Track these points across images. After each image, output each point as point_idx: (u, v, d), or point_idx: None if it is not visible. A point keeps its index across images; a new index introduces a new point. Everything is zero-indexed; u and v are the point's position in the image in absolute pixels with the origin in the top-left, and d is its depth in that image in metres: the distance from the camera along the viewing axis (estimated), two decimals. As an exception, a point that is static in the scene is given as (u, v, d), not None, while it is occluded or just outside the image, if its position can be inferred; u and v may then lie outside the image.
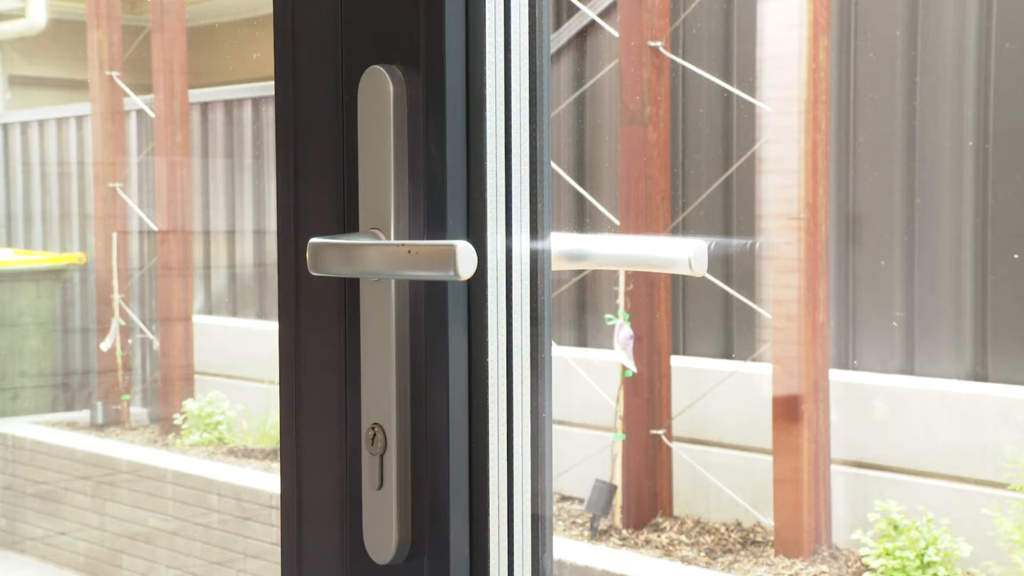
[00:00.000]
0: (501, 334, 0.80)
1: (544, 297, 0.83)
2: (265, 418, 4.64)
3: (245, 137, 5.17)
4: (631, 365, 3.51)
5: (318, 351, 0.85)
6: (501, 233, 0.80)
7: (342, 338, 0.83)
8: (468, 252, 0.74)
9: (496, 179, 0.80)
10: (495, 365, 0.80)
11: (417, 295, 0.80)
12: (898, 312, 3.49)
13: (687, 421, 3.68)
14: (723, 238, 3.76)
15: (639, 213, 3.56)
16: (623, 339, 3.49)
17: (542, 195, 0.82)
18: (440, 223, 0.78)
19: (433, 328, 0.79)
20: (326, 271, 0.79)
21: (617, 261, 0.93)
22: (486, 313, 0.80)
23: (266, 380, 4.72)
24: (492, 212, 0.80)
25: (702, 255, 0.83)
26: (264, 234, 5.14)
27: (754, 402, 3.57)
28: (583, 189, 3.86)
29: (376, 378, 0.81)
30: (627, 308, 3.53)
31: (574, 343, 4.01)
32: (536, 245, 0.82)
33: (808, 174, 3.29)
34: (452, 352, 0.79)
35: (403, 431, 0.80)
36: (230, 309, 5.28)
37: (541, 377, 0.83)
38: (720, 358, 3.80)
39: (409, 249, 0.75)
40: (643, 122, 3.56)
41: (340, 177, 0.83)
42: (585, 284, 3.98)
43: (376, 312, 0.80)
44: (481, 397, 0.80)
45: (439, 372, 0.79)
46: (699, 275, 0.83)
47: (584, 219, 3.82)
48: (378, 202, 0.80)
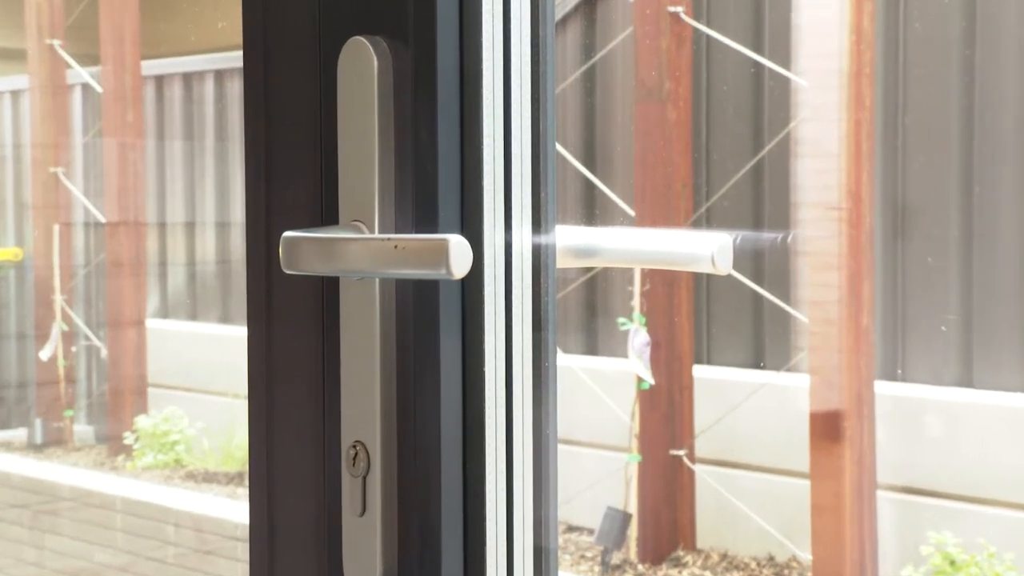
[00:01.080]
0: (500, 340, 0.81)
1: (548, 298, 0.83)
2: (230, 437, 4.65)
3: (207, 116, 5.18)
4: (648, 376, 3.52)
5: (292, 360, 0.85)
6: (499, 226, 0.81)
7: (319, 345, 0.84)
8: (462, 247, 0.74)
9: (494, 165, 0.81)
10: (493, 376, 0.81)
11: (405, 296, 0.81)
12: (953, 316, 3.49)
13: (712, 440, 3.68)
14: (752, 231, 3.76)
15: (656, 203, 3.57)
16: (639, 346, 3.50)
17: (546, 183, 0.83)
18: (431, 215, 0.79)
19: (423, 334, 0.80)
20: (302, 269, 0.79)
21: (631, 257, 0.94)
22: (483, 316, 0.80)
23: (231, 393, 4.72)
24: (489, 202, 0.80)
25: (727, 250, 0.84)
26: (229, 227, 5.15)
27: (789, 418, 3.57)
28: (593, 176, 3.87)
29: (358, 390, 0.81)
30: (643, 311, 3.54)
31: (583, 351, 4.02)
32: (539, 239, 0.83)
33: (850, 158, 3.30)
34: (444, 361, 0.80)
35: (388, 450, 0.81)
36: (189, 312, 5.29)
37: (545, 389, 0.84)
38: (749, 368, 3.81)
39: (396, 244, 0.76)
40: (661, 99, 3.57)
41: (318, 163, 0.84)
42: (595, 284, 3.98)
43: (358, 315, 0.81)
44: (477, 412, 0.81)
45: (429, 384, 0.80)
46: (724, 273, 0.84)
47: (594, 210, 3.83)
48: (361, 191, 0.81)
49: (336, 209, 0.82)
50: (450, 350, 0.80)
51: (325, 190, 0.83)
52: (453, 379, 0.80)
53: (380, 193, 0.80)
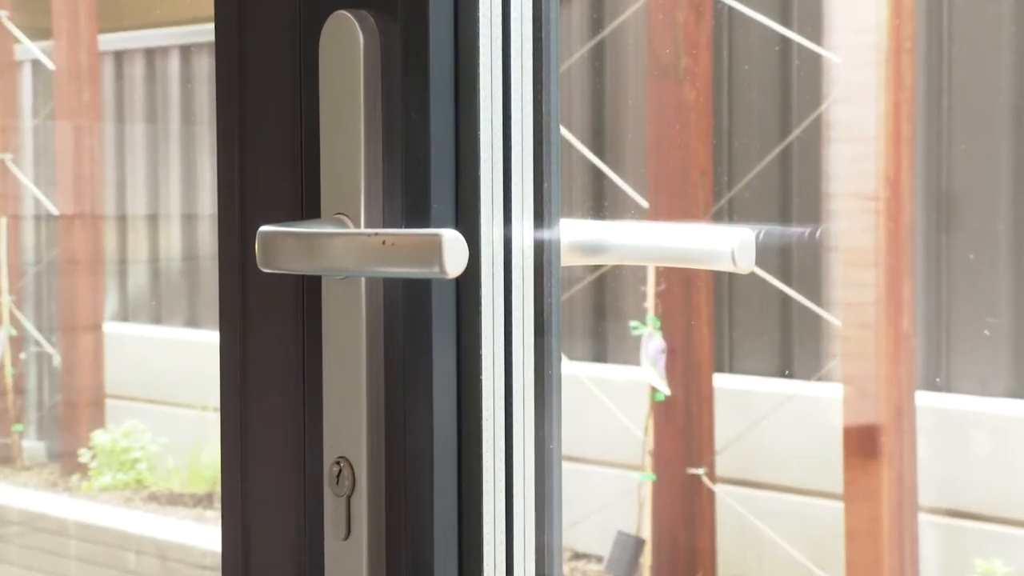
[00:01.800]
0: (498, 346, 0.82)
1: (551, 299, 0.84)
2: (197, 454, 4.65)
3: (172, 96, 5.18)
4: (663, 386, 3.52)
5: (269, 368, 0.86)
6: (498, 220, 0.81)
7: (299, 351, 0.84)
8: (457, 243, 0.75)
9: (492, 152, 0.81)
10: (491, 385, 0.81)
11: (393, 297, 0.81)
12: (1003, 319, 3.50)
13: (734, 457, 3.69)
14: (779, 224, 3.77)
15: (672, 193, 3.57)
16: (653, 353, 3.51)
17: (549, 172, 0.83)
18: (422, 207, 0.80)
19: (413, 339, 0.81)
20: (280, 267, 0.80)
21: (644, 254, 0.94)
22: (479, 320, 0.81)
23: (199, 405, 4.73)
24: (487, 193, 0.81)
25: (749, 246, 0.84)
26: (197, 220, 5.15)
27: (819, 433, 3.58)
28: (602, 163, 3.87)
29: (342, 401, 0.82)
30: (657, 313, 3.54)
31: (590, 357, 4.03)
32: (542, 235, 0.83)
33: (888, 142, 3.30)
34: (437, 369, 0.80)
35: (375, 467, 0.82)
36: (153, 315, 5.29)
37: (549, 401, 0.84)
38: (776, 377, 3.81)
39: (384, 239, 0.76)
40: (677, 78, 3.57)
41: (297, 150, 0.84)
42: (604, 284, 3.99)
43: (342, 319, 0.82)
44: (473, 425, 0.81)
45: (420, 394, 0.80)
46: (745, 272, 0.84)
47: (603, 202, 3.83)
48: (345, 181, 0.81)
49: (318, 201, 0.82)
50: (444, 357, 0.81)
51: (306, 180, 0.84)
52: (447, 389, 0.81)
53: (366, 183, 0.81)
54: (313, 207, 0.83)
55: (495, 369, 0.81)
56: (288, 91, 0.85)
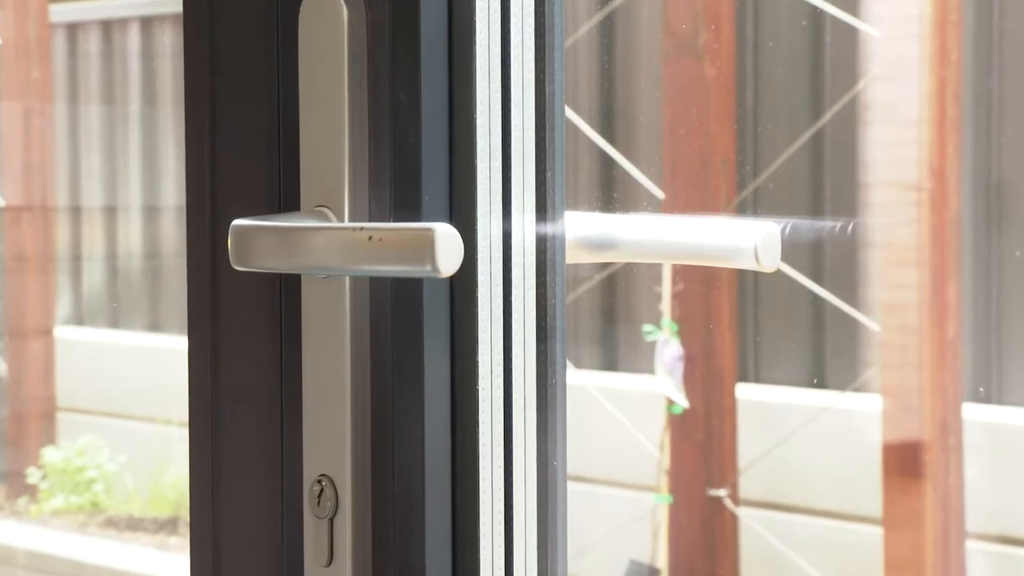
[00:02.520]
0: (496, 353, 0.82)
1: (556, 301, 0.84)
2: (160, 473, 4.65)
3: (131, 74, 5.18)
4: (680, 398, 3.53)
5: (243, 377, 0.86)
6: (496, 213, 0.82)
7: (277, 359, 0.84)
8: (451, 239, 0.75)
9: (489, 138, 0.81)
10: (488, 396, 0.82)
11: (381, 298, 0.82)
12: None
13: (760, 477, 3.69)
14: (810, 218, 3.77)
15: (690, 183, 3.57)
16: (669, 361, 3.51)
17: (553, 159, 0.84)
18: (412, 199, 0.80)
19: (403, 345, 0.81)
20: (255, 264, 0.80)
21: (659, 251, 0.94)
22: (476, 324, 0.81)
23: (162, 419, 4.73)
24: (484, 183, 0.81)
25: (773, 242, 0.85)
26: (161, 212, 5.15)
27: (855, 450, 3.58)
28: (612, 149, 3.87)
29: (324, 414, 0.82)
30: (674, 317, 3.54)
31: (599, 365, 4.03)
32: (545, 229, 0.84)
33: (932, 126, 3.30)
34: (429, 378, 0.81)
35: (361, 486, 0.82)
36: (110, 318, 5.29)
37: (552, 413, 0.85)
38: (806, 387, 3.81)
39: (370, 235, 0.77)
40: (697, 55, 3.57)
41: (274, 135, 0.84)
42: (614, 283, 3.99)
43: (324, 322, 0.82)
44: (469, 441, 0.82)
45: (411, 406, 0.81)
46: (770, 270, 0.85)
47: (613, 192, 3.83)
48: (327, 170, 0.81)
49: (297, 192, 0.83)
50: (436, 365, 0.81)
51: (283, 169, 0.84)
52: (440, 401, 0.81)
53: (351, 173, 0.81)
54: (292, 199, 0.83)
55: (493, 378, 0.82)
56: (264, 70, 0.85)
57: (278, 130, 0.84)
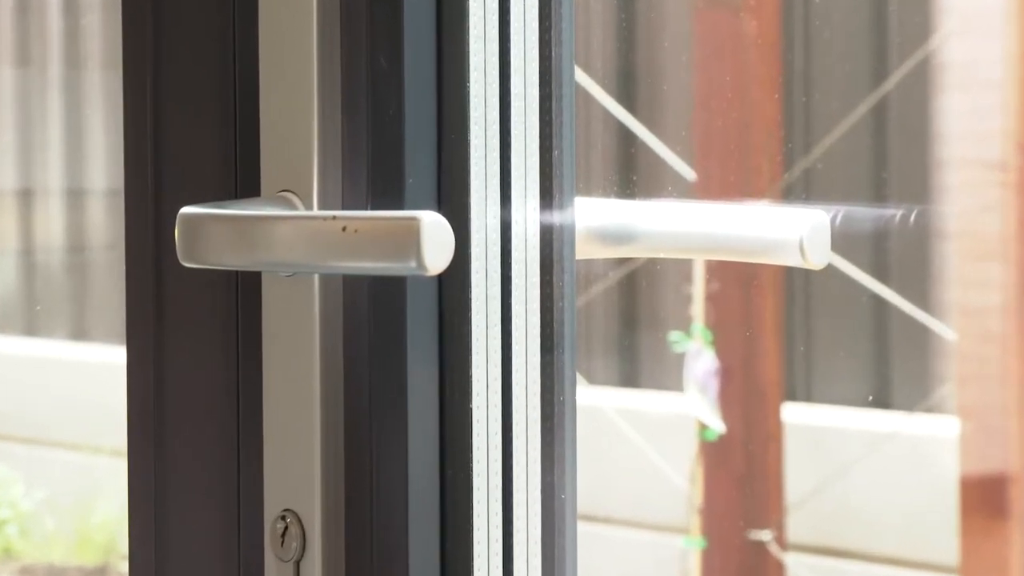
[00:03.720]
0: (493, 366, 0.83)
1: (564, 304, 0.85)
2: (87, 513, 4.65)
3: (51, 31, 5.18)
4: (715, 421, 3.52)
5: (193, 395, 0.86)
6: (493, 199, 0.82)
7: (233, 373, 0.85)
8: (439, 230, 0.75)
9: (485, 109, 0.82)
10: (483, 417, 0.82)
11: (356, 301, 0.82)
12: None
13: (812, 517, 3.69)
14: (870, 204, 3.76)
15: (726, 162, 3.56)
16: (701, 376, 3.50)
17: (560, 135, 0.84)
18: (394, 183, 0.80)
19: (382, 356, 0.81)
20: (207, 260, 0.80)
21: (688, 244, 0.94)
22: (469, 331, 0.82)
23: (89, 447, 4.73)
24: (478, 164, 0.82)
25: (822, 233, 0.84)
26: (89, 196, 5.15)
27: (927, 484, 3.58)
28: (633, 120, 3.86)
29: (289, 439, 0.83)
30: (708, 323, 3.54)
31: (616, 382, 4.01)
32: (551, 218, 0.84)
33: (1020, 92, 3.30)
34: (413, 397, 0.81)
35: (332, 524, 0.82)
36: (24, 325, 5.29)
37: (560, 439, 0.85)
38: (867, 408, 3.81)
39: (344, 225, 0.76)
40: (734, 6, 3.57)
41: (230, 107, 0.84)
42: (635, 283, 3.98)
43: (289, 330, 0.82)
44: (460, 470, 0.82)
45: (391, 430, 0.81)
46: (818, 266, 0.84)
47: (632, 173, 3.81)
48: (293, 149, 0.82)
49: (257, 175, 0.83)
50: (422, 380, 0.81)
51: (241, 147, 0.84)
52: (426, 423, 0.82)
53: (321, 151, 0.81)
54: (251, 182, 0.83)
55: (489, 396, 0.82)
56: (218, 27, 0.85)
57: (234, 100, 0.84)
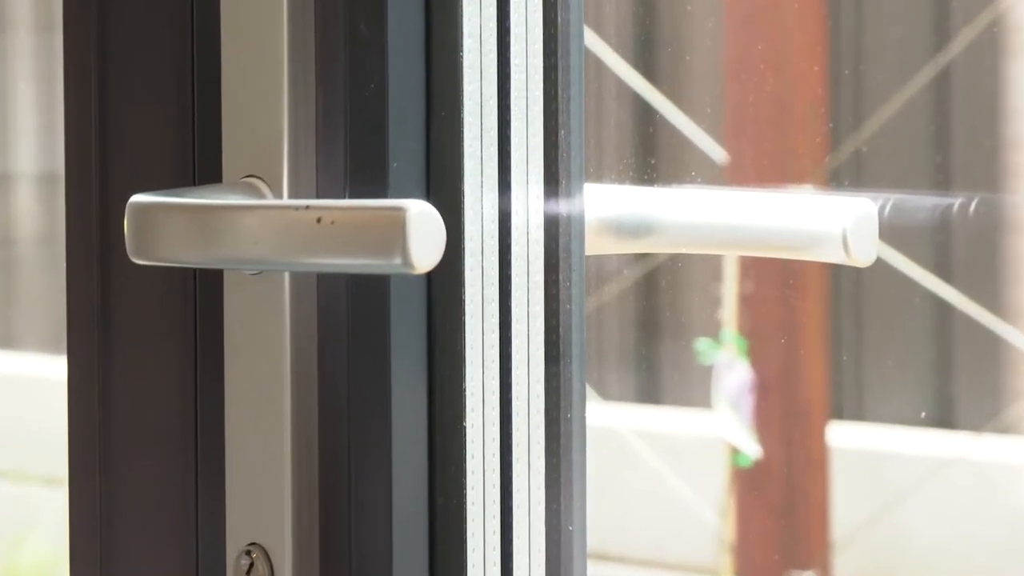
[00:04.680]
0: (490, 378, 0.83)
1: (572, 307, 0.85)
2: (15, 548, 4.66)
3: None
4: (750, 443, 3.53)
5: (145, 412, 0.87)
6: (490, 186, 0.83)
7: (191, 386, 0.85)
8: (428, 222, 0.75)
9: (480, 82, 0.82)
10: (479, 438, 0.83)
11: (332, 304, 0.82)
12: None
13: (863, 554, 3.70)
14: (930, 191, 3.77)
15: (761, 142, 3.56)
16: (734, 391, 3.51)
17: (567, 112, 0.85)
18: (376, 167, 0.81)
19: (362, 367, 0.82)
20: (160, 256, 0.81)
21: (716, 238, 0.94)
22: (462, 339, 0.82)
23: (17, 474, 4.74)
24: (473, 146, 0.82)
25: (868, 225, 0.84)
26: (13, 181, 5.16)
27: (995, 516, 3.59)
28: (653, 91, 3.86)
29: (254, 462, 0.83)
30: (741, 329, 3.54)
31: (634, 397, 4.01)
32: (556, 208, 0.85)
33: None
34: (397, 413, 0.82)
35: (304, 560, 0.83)
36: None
37: (567, 463, 0.85)
38: (927, 428, 3.82)
39: (319, 215, 0.77)
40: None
41: (188, 79, 0.85)
42: (655, 283, 3.97)
43: (255, 336, 0.83)
44: (452, 496, 0.83)
45: (373, 451, 0.82)
46: (863, 263, 0.85)
47: (652, 155, 3.80)
48: (259, 128, 0.82)
49: (218, 158, 0.83)
50: (407, 395, 0.82)
51: (200, 126, 0.85)
52: (412, 444, 0.82)
53: (292, 130, 0.82)
54: (212, 167, 0.84)
55: (485, 413, 0.83)
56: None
57: (192, 71, 0.85)
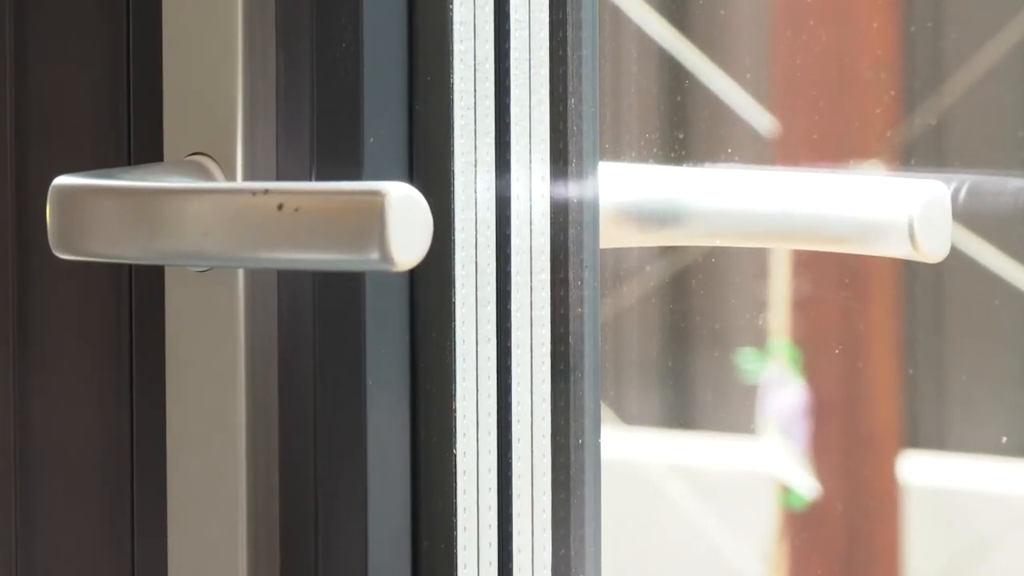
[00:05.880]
0: (486, 396, 0.84)
1: (584, 311, 0.86)
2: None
3: None
4: (804, 480, 3.53)
5: (70, 439, 0.88)
6: (485, 165, 0.84)
7: (126, 405, 0.86)
8: (411, 209, 0.76)
9: (474, 41, 0.83)
10: (471, 468, 0.84)
11: (297, 307, 0.84)
12: None
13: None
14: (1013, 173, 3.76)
15: (818, 110, 3.57)
16: (785, 414, 3.51)
17: (579, 76, 0.86)
18: (349, 143, 0.82)
19: (332, 383, 0.83)
20: (89, 250, 0.82)
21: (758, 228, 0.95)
22: (452, 349, 0.83)
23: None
24: (465, 118, 0.83)
25: (939, 213, 0.85)
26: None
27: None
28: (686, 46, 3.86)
29: (201, 500, 0.84)
30: (794, 338, 3.54)
31: (660, 421, 4.00)
32: (565, 192, 0.86)
33: None
34: (374, 439, 0.83)
35: None
36: None
37: (577, 499, 0.87)
38: (1019, 458, 3.82)
39: (280, 201, 0.78)
40: None
41: (122, 38, 0.86)
42: (686, 282, 3.97)
43: (202, 345, 0.84)
44: (439, 539, 0.84)
45: (345, 484, 0.83)
46: (932, 258, 0.85)
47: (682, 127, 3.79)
48: (208, 97, 0.83)
49: (159, 133, 0.84)
50: (386, 418, 0.83)
51: (136, 94, 0.86)
52: (392, 476, 0.84)
53: (247, 100, 0.83)
54: (150, 143, 0.85)
55: (480, 438, 0.84)
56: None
57: (127, 28, 0.86)
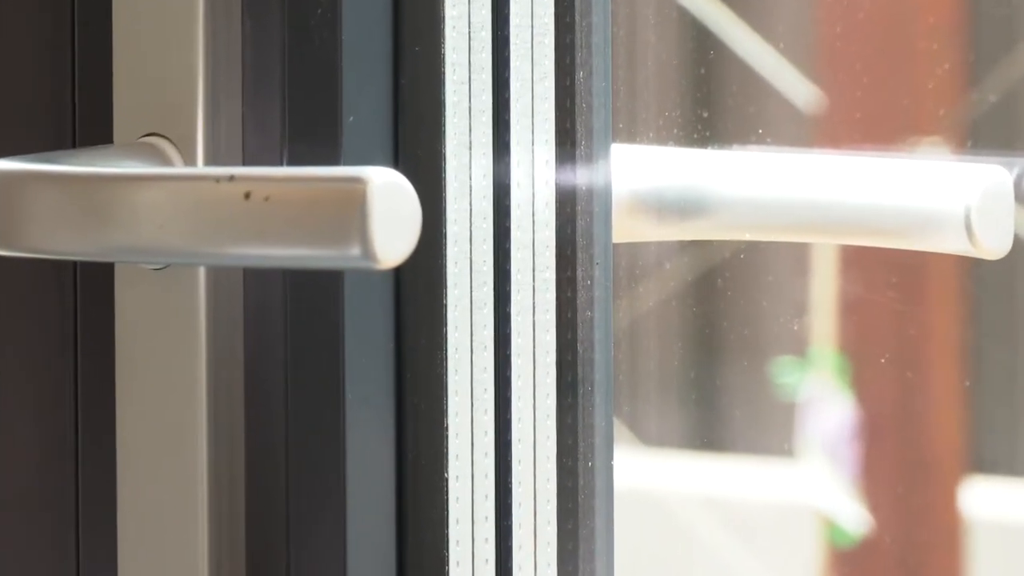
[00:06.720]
0: (481, 412, 0.85)
1: (595, 315, 0.87)
2: None
3: None
4: (852, 512, 3.54)
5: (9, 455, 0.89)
6: (481, 148, 0.85)
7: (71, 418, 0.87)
8: (397, 197, 0.76)
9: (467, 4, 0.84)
10: (465, 493, 0.85)
11: (266, 308, 0.84)
12: None
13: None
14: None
15: (867, 84, 3.58)
16: (831, 435, 3.51)
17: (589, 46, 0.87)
18: (325, 123, 0.83)
19: (307, 397, 0.84)
20: (31, 245, 0.82)
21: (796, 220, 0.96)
22: (444, 358, 0.84)
23: None
24: (458, 94, 0.84)
25: (1000, 202, 0.86)
26: None
27: None
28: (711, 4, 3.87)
29: (156, 524, 0.85)
30: (841, 347, 3.55)
31: (685, 443, 4.00)
32: (572, 178, 0.87)
33: None
34: (353, 460, 0.84)
35: None
36: None
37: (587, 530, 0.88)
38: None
39: (247, 189, 0.78)
40: None
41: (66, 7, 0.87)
42: (712, 281, 3.97)
43: (158, 351, 0.85)
44: (429, 575, 0.85)
45: (320, 512, 0.84)
46: (992, 253, 0.85)
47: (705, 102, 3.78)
48: (164, 72, 0.84)
49: (108, 112, 0.85)
50: (368, 436, 0.84)
51: (81, 69, 0.87)
52: (374, 503, 0.84)
53: (208, 76, 0.84)
54: (98, 123, 0.86)
55: (475, 460, 0.85)
56: None
57: (72, 4, 0.87)
